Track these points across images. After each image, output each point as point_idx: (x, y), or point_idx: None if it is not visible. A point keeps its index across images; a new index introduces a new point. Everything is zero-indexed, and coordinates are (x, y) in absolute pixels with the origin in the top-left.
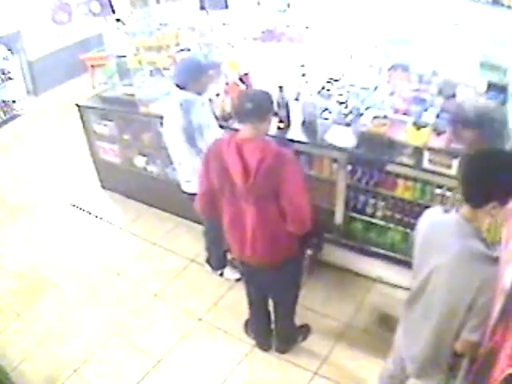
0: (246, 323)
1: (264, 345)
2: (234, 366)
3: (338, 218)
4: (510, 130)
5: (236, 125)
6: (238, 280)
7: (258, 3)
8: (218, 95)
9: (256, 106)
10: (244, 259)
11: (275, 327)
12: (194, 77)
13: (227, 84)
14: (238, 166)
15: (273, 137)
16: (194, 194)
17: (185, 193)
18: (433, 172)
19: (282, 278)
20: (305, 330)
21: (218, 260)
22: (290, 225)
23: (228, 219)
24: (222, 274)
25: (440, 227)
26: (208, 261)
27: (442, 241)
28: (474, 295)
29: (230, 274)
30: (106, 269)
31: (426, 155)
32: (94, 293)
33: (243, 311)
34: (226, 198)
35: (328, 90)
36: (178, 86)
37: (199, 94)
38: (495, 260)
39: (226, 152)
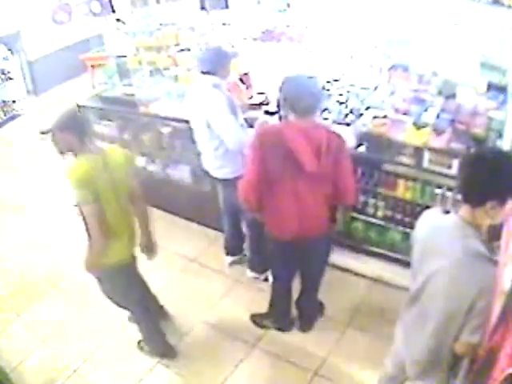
0: (253, 318)
1: (287, 326)
2: (234, 366)
3: (338, 218)
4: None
5: None
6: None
7: (258, 3)
8: None
9: (316, 101)
10: (297, 235)
11: (301, 305)
12: (221, 63)
13: (227, 83)
14: (308, 150)
15: None
16: (226, 180)
17: (216, 179)
18: (433, 172)
19: (322, 246)
20: (321, 306)
21: (263, 262)
22: (343, 198)
23: (283, 200)
24: (266, 279)
25: (440, 230)
26: (251, 266)
27: (443, 244)
28: (475, 297)
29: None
30: None
31: (426, 155)
32: (93, 293)
33: (244, 311)
34: (282, 181)
35: (328, 89)
36: (204, 72)
37: (224, 79)
38: (495, 262)
39: (291, 137)
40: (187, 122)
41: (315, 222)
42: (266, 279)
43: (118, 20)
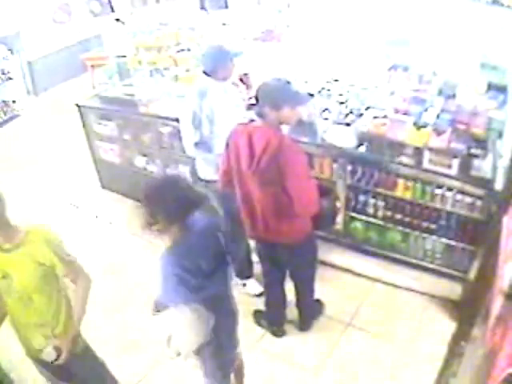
0: (255, 314)
1: (278, 331)
2: None
3: (338, 217)
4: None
5: None
6: (259, 295)
7: (258, 3)
8: None
9: (258, 97)
10: (259, 235)
11: (298, 306)
12: (221, 63)
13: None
14: (245, 151)
15: None
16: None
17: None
18: (433, 172)
19: (298, 256)
20: (320, 305)
21: (241, 266)
22: (296, 208)
23: (240, 198)
24: (244, 285)
25: None
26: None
27: None
28: None
29: (254, 287)
30: (105, 269)
31: (426, 155)
32: (93, 293)
33: (245, 309)
34: (237, 179)
35: (328, 89)
36: (204, 73)
37: (224, 79)
38: None
39: (240, 137)
40: None
41: (275, 227)
42: (244, 284)
43: (117, 20)
